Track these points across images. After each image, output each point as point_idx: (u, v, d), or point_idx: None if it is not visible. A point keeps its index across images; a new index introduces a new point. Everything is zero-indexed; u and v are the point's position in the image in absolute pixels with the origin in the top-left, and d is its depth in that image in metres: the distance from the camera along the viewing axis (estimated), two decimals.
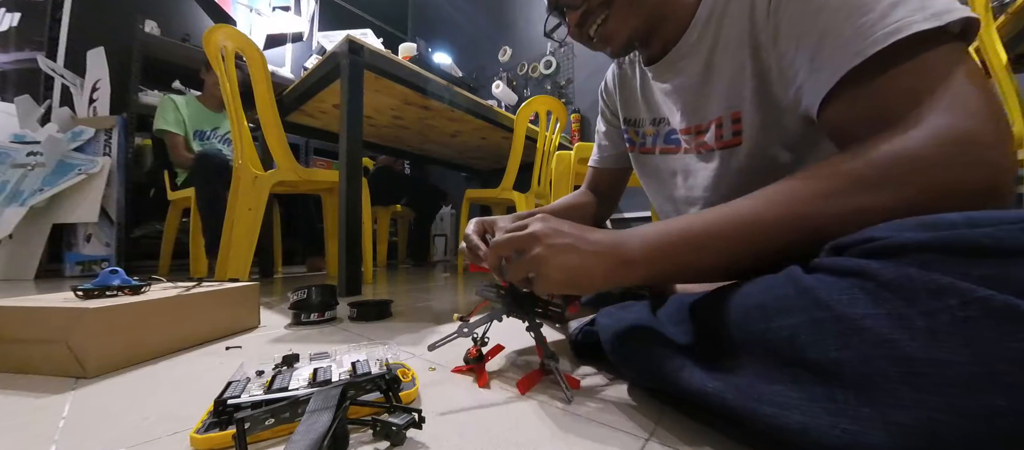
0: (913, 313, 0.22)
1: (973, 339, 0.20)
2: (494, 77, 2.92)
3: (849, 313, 0.24)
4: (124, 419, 0.37)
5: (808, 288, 0.26)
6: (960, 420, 0.19)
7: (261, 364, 0.42)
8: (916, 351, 0.21)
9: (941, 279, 0.21)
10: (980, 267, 0.21)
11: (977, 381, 0.19)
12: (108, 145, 1.96)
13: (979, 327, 0.20)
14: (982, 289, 0.20)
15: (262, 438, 0.32)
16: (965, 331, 0.20)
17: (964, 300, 0.21)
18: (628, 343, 0.41)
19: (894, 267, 0.23)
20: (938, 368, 0.20)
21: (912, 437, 0.20)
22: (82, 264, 1.89)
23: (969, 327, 0.20)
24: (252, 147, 1.37)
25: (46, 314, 0.50)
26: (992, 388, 0.19)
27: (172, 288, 0.68)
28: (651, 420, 0.36)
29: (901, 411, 0.21)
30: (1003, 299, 0.20)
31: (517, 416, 0.37)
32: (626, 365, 0.41)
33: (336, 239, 1.30)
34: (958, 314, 0.20)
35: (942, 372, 0.20)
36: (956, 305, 0.21)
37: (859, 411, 0.22)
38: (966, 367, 0.20)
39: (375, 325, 0.79)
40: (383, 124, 1.93)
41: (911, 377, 0.21)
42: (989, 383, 0.19)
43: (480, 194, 2.00)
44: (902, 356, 0.21)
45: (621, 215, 2.40)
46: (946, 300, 0.21)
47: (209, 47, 1.33)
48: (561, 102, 2.03)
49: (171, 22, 2.47)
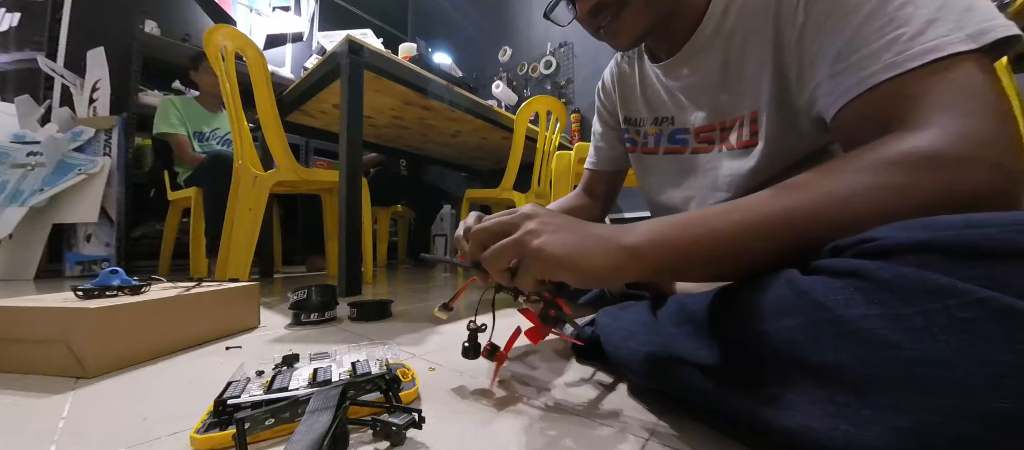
0: (911, 314, 0.21)
1: (974, 341, 0.20)
2: (494, 77, 2.92)
3: (846, 314, 0.23)
4: (124, 419, 0.37)
5: (805, 290, 0.26)
6: (961, 422, 0.19)
7: (261, 364, 0.42)
8: (915, 353, 0.21)
9: (940, 279, 0.21)
10: (979, 268, 0.21)
11: (978, 383, 0.19)
12: (108, 145, 1.96)
13: (980, 329, 0.20)
14: (982, 290, 0.20)
15: (262, 438, 0.32)
16: (965, 333, 0.20)
17: (964, 301, 0.20)
18: (629, 343, 0.41)
19: (891, 267, 0.23)
20: (938, 370, 0.20)
21: (912, 439, 0.20)
22: (82, 264, 1.89)
23: (969, 328, 0.20)
24: (252, 147, 1.37)
25: (46, 314, 0.50)
26: (993, 390, 0.19)
27: (172, 288, 0.68)
28: (651, 420, 0.36)
29: (901, 413, 0.21)
30: (1004, 300, 0.20)
31: (517, 416, 0.37)
32: (627, 365, 0.41)
33: (336, 239, 1.29)
34: (958, 315, 0.20)
35: (942, 374, 0.20)
36: (955, 306, 0.20)
37: (859, 413, 0.22)
38: (966, 369, 0.19)
39: (375, 325, 0.79)
40: (383, 124, 1.93)
41: (910, 379, 0.21)
42: (990, 385, 0.19)
43: (480, 194, 2.00)
44: (900, 358, 0.21)
45: (621, 215, 2.40)
46: (945, 301, 0.21)
47: (209, 47, 1.33)
48: (561, 102, 2.03)
49: (171, 22, 2.46)
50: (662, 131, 0.63)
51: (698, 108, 0.56)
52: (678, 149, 0.61)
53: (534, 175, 1.93)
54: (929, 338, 0.21)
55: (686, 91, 0.57)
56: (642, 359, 0.39)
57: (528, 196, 1.86)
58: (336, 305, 0.85)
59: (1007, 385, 0.19)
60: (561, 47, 2.79)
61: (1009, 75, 0.88)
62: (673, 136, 0.62)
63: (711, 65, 0.52)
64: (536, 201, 1.89)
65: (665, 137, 0.63)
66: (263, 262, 1.92)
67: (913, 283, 0.22)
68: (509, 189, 1.82)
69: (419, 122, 1.90)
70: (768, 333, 0.27)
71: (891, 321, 0.22)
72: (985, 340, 0.19)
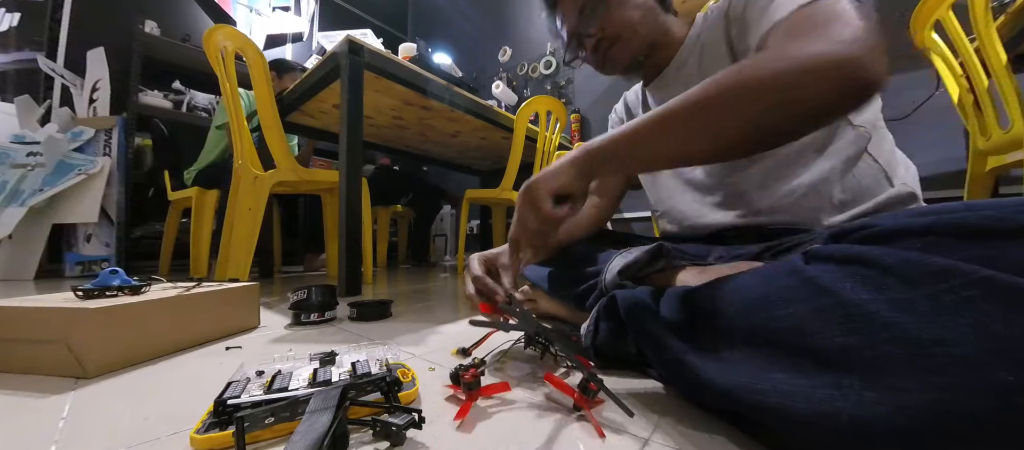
0: (917, 296, 0.22)
1: (978, 318, 0.20)
2: (494, 77, 2.92)
3: (853, 298, 0.24)
4: (124, 419, 0.37)
5: (810, 277, 0.27)
6: (967, 399, 0.19)
7: (261, 364, 0.42)
8: (921, 333, 0.21)
9: (943, 261, 0.22)
10: (981, 248, 0.22)
11: (983, 359, 0.19)
12: (108, 145, 1.96)
13: (984, 306, 0.20)
14: (984, 269, 0.21)
15: (262, 438, 0.32)
16: (970, 311, 0.20)
17: (967, 281, 0.21)
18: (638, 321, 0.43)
19: (896, 252, 0.24)
20: (944, 348, 0.20)
21: (919, 418, 0.20)
22: (82, 264, 1.89)
23: (973, 307, 0.20)
24: (252, 147, 1.37)
25: (46, 314, 0.50)
26: (999, 366, 0.19)
27: (172, 288, 0.68)
28: (651, 420, 0.36)
29: (908, 392, 0.21)
30: (1006, 279, 0.20)
31: (517, 416, 0.37)
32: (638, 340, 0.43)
33: (336, 239, 1.29)
34: (962, 294, 0.21)
35: (948, 352, 0.20)
36: (959, 285, 0.21)
37: (865, 395, 0.22)
38: (972, 346, 0.20)
39: (375, 325, 0.79)
40: (383, 124, 1.93)
41: (917, 358, 0.21)
42: (996, 361, 0.19)
43: (480, 194, 2.00)
44: (907, 338, 0.21)
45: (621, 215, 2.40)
46: (949, 281, 0.21)
47: (209, 47, 1.33)
48: (561, 102, 2.03)
49: (171, 22, 2.46)
50: None
51: None
52: None
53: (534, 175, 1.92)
54: (935, 318, 0.21)
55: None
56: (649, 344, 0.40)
57: None
58: (336, 305, 0.85)
59: (1011, 359, 0.19)
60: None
61: (1009, 75, 0.88)
62: None
63: (689, 79, 0.62)
64: None
65: None
66: (263, 262, 1.92)
67: (918, 267, 0.22)
68: (509, 189, 1.82)
69: (419, 122, 1.90)
70: (772, 320, 0.28)
71: (898, 304, 0.22)
72: (988, 317, 0.20)
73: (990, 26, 0.88)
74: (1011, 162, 1.00)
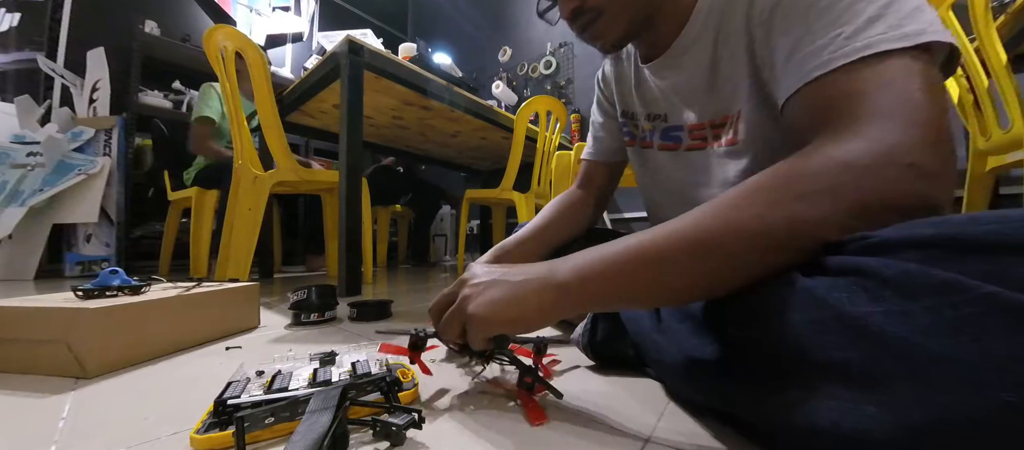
0: (916, 310, 0.21)
1: (980, 336, 0.20)
2: (494, 77, 2.92)
3: (851, 312, 0.23)
4: (124, 419, 0.37)
5: (808, 289, 0.26)
6: (968, 417, 0.19)
7: (261, 364, 0.42)
8: (922, 349, 0.21)
9: (944, 275, 0.21)
10: (983, 263, 0.21)
11: (985, 377, 0.19)
12: (108, 145, 1.96)
13: (986, 323, 0.20)
14: (987, 285, 0.20)
15: (262, 438, 0.32)
16: (971, 328, 0.20)
17: (969, 296, 0.20)
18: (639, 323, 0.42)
19: (895, 264, 0.23)
20: (945, 365, 0.20)
21: (920, 435, 0.20)
22: (82, 264, 1.89)
23: (975, 323, 0.20)
24: (252, 147, 1.37)
25: (46, 314, 0.50)
26: (1000, 384, 0.19)
27: (172, 288, 0.68)
28: (651, 421, 0.36)
29: (909, 409, 0.21)
30: (1009, 296, 0.19)
31: (517, 416, 0.37)
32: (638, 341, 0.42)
33: (336, 239, 1.30)
34: (964, 311, 0.20)
35: (949, 369, 0.20)
36: (961, 301, 0.20)
37: (866, 410, 0.22)
38: (974, 364, 0.19)
39: (375, 325, 0.79)
40: (383, 124, 1.93)
41: (917, 375, 0.21)
42: (997, 379, 0.19)
43: (480, 194, 2.00)
44: (907, 354, 0.21)
45: (620, 215, 2.40)
46: (950, 297, 0.21)
47: (209, 47, 1.33)
48: (561, 102, 2.03)
49: (171, 22, 2.47)
50: (655, 127, 0.63)
51: (688, 107, 0.56)
52: (672, 146, 0.61)
53: (534, 175, 1.93)
54: (936, 334, 0.20)
55: (676, 90, 0.57)
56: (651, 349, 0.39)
57: (528, 196, 1.86)
58: (336, 305, 0.85)
59: (1013, 379, 0.19)
60: (561, 47, 2.80)
61: (1009, 75, 0.88)
62: (667, 133, 0.61)
63: (699, 65, 0.52)
64: (537, 202, 1.90)
65: (658, 133, 0.62)
66: (263, 262, 1.92)
67: (917, 279, 0.22)
68: (509, 189, 1.82)
69: (419, 122, 1.90)
70: (771, 332, 0.27)
71: (897, 317, 0.22)
72: (991, 335, 0.19)
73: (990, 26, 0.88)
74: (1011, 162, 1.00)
